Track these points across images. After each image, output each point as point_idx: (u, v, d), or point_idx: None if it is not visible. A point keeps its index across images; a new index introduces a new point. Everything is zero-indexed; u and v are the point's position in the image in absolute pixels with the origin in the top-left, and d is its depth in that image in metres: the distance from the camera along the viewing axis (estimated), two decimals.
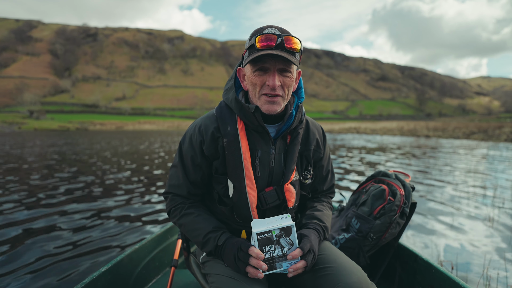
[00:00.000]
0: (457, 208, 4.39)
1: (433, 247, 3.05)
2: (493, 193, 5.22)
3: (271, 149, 1.26)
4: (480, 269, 2.55)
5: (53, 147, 16.70)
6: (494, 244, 3.12)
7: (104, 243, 3.14)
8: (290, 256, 1.08)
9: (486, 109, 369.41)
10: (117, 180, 6.66)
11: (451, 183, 6.10)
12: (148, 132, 50.20)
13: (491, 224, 3.65)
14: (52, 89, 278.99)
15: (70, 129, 67.61)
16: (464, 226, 3.65)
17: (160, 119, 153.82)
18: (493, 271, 2.50)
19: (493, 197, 4.92)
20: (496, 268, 2.55)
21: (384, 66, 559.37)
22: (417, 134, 29.08)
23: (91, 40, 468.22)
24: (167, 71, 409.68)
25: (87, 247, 3.01)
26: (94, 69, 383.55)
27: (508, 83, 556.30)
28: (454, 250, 2.97)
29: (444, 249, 3.01)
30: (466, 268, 2.59)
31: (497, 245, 3.08)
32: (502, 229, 3.52)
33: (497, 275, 2.44)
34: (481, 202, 4.67)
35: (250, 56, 1.14)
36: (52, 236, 3.29)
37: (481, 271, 2.51)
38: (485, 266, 2.59)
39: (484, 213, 4.14)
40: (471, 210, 4.28)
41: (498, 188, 5.59)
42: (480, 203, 4.59)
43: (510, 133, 21.41)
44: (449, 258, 2.78)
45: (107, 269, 1.56)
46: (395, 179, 1.79)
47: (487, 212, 4.17)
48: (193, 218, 1.26)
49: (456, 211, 4.23)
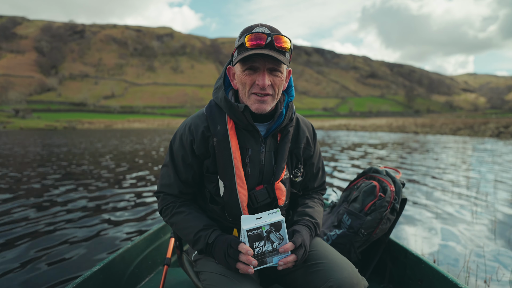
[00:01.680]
0: (440, 202, 4.50)
1: (417, 240, 3.12)
2: (476, 188, 5.36)
3: (262, 147, 1.26)
4: (462, 262, 2.62)
5: (47, 146, 16.42)
6: (476, 237, 3.20)
7: (96, 242, 3.11)
8: (282, 249, 1.08)
9: (473, 105, 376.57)
10: (109, 178, 6.61)
11: (435, 178, 6.24)
12: (138, 131, 49.69)
13: (473, 219, 3.76)
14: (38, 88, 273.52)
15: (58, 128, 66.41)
16: (447, 220, 3.74)
17: (150, 118, 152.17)
18: (473, 264, 2.57)
19: (476, 192, 5.05)
20: (475, 262, 2.62)
21: (373, 64, 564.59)
22: (405, 130, 29.53)
23: (78, 37, 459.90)
24: (157, 68, 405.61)
25: (78, 247, 2.98)
26: (82, 67, 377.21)
27: (493, 80, 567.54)
28: (436, 243, 3.04)
29: (427, 242, 3.08)
30: (447, 261, 2.65)
31: (479, 238, 3.16)
32: (485, 222, 3.63)
33: (476, 267, 2.51)
34: (463, 196, 4.79)
35: (239, 55, 1.13)
36: (42, 235, 3.25)
37: (463, 263, 2.58)
38: (466, 259, 2.67)
39: (466, 206, 4.24)
40: (454, 203, 4.39)
41: (481, 182, 5.74)
42: (462, 197, 4.71)
43: (495, 129, 21.89)
44: (431, 252, 2.85)
45: (99, 268, 1.54)
46: (385, 176, 1.80)
47: (469, 206, 4.28)
48: (184, 216, 1.26)
49: (438, 205, 4.33)
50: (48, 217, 3.91)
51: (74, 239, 3.18)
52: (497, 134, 19.91)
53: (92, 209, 4.28)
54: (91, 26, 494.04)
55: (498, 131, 20.68)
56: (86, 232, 3.38)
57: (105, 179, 6.57)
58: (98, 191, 5.45)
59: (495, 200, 4.54)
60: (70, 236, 3.25)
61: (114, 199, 4.84)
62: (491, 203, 4.39)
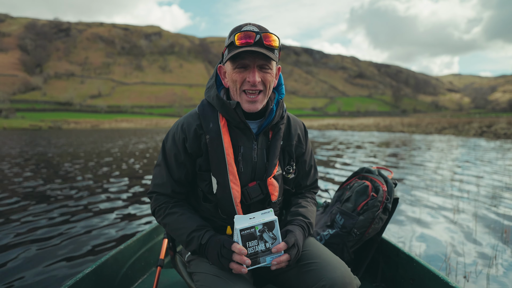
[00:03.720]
0: (422, 200, 4.61)
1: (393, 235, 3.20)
2: (458, 185, 5.51)
3: (254, 144, 1.27)
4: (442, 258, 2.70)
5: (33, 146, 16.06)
6: (455, 234, 3.29)
7: (88, 243, 3.08)
8: (275, 249, 1.08)
9: (458, 105, 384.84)
10: (101, 180, 6.52)
11: (420, 177, 6.37)
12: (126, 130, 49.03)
13: (454, 216, 3.86)
14: (22, 87, 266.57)
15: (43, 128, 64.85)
16: (427, 217, 3.84)
17: (138, 117, 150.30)
18: (453, 260, 2.65)
19: (459, 189, 5.18)
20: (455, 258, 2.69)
21: (361, 64, 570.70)
22: (392, 130, 29.96)
23: (64, 35, 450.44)
24: (145, 67, 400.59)
25: (70, 249, 2.95)
26: (67, 66, 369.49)
27: (477, 80, 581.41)
28: (416, 241, 3.11)
29: (409, 239, 3.15)
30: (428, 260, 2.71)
31: (458, 235, 3.25)
32: (466, 218, 3.73)
33: (456, 264, 2.58)
34: (446, 195, 4.90)
35: (229, 53, 1.15)
36: (34, 238, 3.20)
37: (443, 260, 2.66)
38: (447, 256, 2.74)
39: (447, 205, 4.35)
40: (436, 202, 4.51)
41: (463, 181, 5.89)
42: (445, 196, 4.82)
43: (478, 128, 22.43)
44: (413, 249, 2.92)
45: (91, 270, 1.52)
46: (378, 176, 1.83)
47: (450, 203, 4.40)
48: (177, 217, 1.26)
49: (421, 203, 4.44)
50: (38, 218, 3.85)
51: (65, 241, 3.13)
52: (480, 134, 20.40)
53: (83, 210, 4.22)
54: (77, 24, 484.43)
55: (482, 131, 21.20)
56: (77, 234, 3.34)
57: (96, 179, 6.48)
58: (88, 191, 5.38)
59: (476, 197, 4.67)
60: (61, 238, 3.21)
61: (106, 200, 4.79)
62: (472, 200, 4.51)
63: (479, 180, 5.94)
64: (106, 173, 7.40)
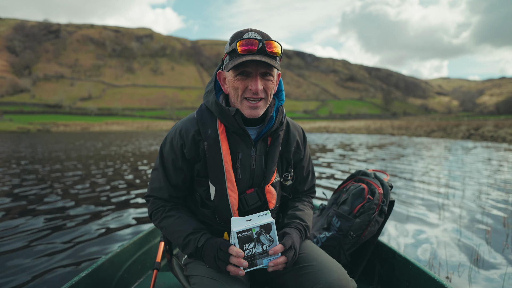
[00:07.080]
0: (410, 201, 4.69)
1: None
2: (445, 186, 5.63)
3: (252, 151, 1.26)
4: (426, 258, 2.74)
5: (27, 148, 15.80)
6: (440, 234, 3.34)
7: (84, 247, 3.05)
8: (272, 251, 1.08)
9: (446, 108, 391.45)
10: (97, 182, 6.46)
11: (410, 180, 6.46)
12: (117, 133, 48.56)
13: (439, 216, 3.93)
14: (10, 89, 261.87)
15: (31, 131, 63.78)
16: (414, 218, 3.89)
17: (129, 120, 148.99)
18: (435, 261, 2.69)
19: (446, 191, 5.27)
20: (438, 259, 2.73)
21: (352, 67, 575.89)
22: (382, 132, 30.33)
23: (53, 37, 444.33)
24: (136, 70, 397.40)
25: (65, 252, 2.92)
26: (57, 68, 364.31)
27: (465, 84, 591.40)
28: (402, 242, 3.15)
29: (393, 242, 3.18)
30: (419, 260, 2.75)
31: (443, 235, 3.30)
32: (451, 219, 3.81)
33: (439, 264, 2.62)
34: (435, 196, 4.97)
35: (232, 62, 1.13)
36: (29, 241, 3.16)
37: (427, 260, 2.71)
38: (430, 256, 2.78)
39: (434, 205, 4.42)
40: (422, 203, 4.56)
41: (449, 183, 6.02)
42: (434, 197, 4.89)
43: (466, 131, 22.88)
44: (405, 251, 2.95)
45: (87, 274, 1.51)
46: (374, 178, 1.84)
47: (437, 203, 4.47)
48: (174, 220, 1.25)
49: (412, 204, 4.52)
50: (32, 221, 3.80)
51: (61, 245, 3.10)
52: (468, 136, 20.80)
53: (79, 214, 4.17)
54: (67, 26, 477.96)
55: (469, 133, 21.63)
56: (73, 237, 3.31)
57: (92, 182, 6.43)
58: (84, 194, 5.34)
59: (462, 198, 4.78)
60: (56, 242, 3.17)
61: (102, 203, 4.75)
62: (458, 200, 4.61)
63: (465, 181, 6.08)
64: (100, 176, 7.34)
